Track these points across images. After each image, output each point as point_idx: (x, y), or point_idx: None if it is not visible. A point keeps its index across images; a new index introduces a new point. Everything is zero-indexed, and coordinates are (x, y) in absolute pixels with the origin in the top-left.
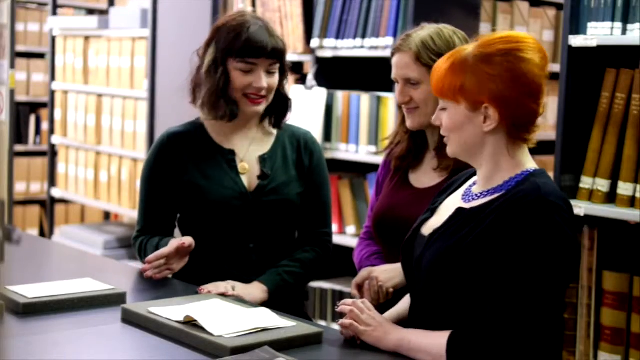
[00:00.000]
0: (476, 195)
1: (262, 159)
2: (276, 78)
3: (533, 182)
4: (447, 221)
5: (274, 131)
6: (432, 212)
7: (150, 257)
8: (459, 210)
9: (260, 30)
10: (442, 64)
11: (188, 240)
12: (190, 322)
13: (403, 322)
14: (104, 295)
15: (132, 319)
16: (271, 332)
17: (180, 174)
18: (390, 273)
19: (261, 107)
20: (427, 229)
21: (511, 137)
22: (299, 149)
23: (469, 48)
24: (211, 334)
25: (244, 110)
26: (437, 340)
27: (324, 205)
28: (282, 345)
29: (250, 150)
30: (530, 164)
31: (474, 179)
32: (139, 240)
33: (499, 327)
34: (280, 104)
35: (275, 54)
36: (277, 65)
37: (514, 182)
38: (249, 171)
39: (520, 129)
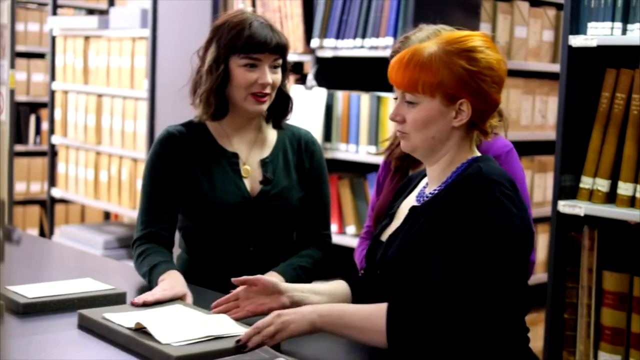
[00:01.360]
0: (429, 194)
1: (264, 163)
2: (279, 75)
3: (475, 166)
4: (402, 223)
5: (275, 132)
6: (390, 217)
7: None
8: (412, 210)
9: (263, 26)
10: (406, 60)
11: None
12: (141, 329)
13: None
14: (104, 295)
15: (87, 325)
16: (222, 341)
17: (182, 172)
18: None
19: (264, 106)
20: (386, 234)
21: (471, 128)
22: (299, 151)
23: (433, 45)
24: (159, 342)
25: (247, 109)
26: (373, 310)
27: (324, 206)
28: (231, 353)
29: (252, 153)
30: (476, 152)
31: (426, 179)
32: (139, 249)
33: (438, 297)
34: (282, 103)
35: (278, 48)
36: (280, 61)
37: (460, 169)
38: (251, 175)
39: (482, 121)
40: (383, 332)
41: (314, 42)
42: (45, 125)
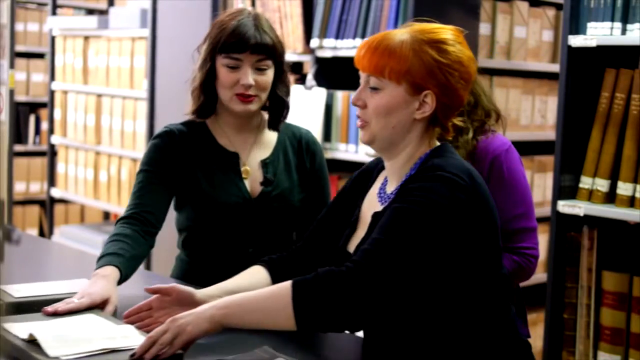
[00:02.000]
0: (391, 194)
1: (264, 164)
2: (268, 76)
3: (433, 163)
4: (367, 231)
5: (274, 132)
6: (352, 225)
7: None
8: (375, 216)
9: (247, 25)
10: (375, 44)
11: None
12: (34, 341)
13: None
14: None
15: None
16: (119, 354)
17: (181, 169)
18: None
19: (251, 106)
20: (352, 245)
21: (432, 124)
22: (300, 151)
23: (405, 34)
24: (47, 355)
25: (234, 109)
26: (276, 290)
27: (325, 206)
28: None
29: (252, 153)
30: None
31: (383, 176)
32: (115, 230)
33: (346, 268)
34: (275, 107)
35: (261, 48)
36: (268, 62)
37: (417, 165)
38: (251, 175)
39: (445, 117)
40: (290, 310)
41: (314, 42)
42: (44, 125)
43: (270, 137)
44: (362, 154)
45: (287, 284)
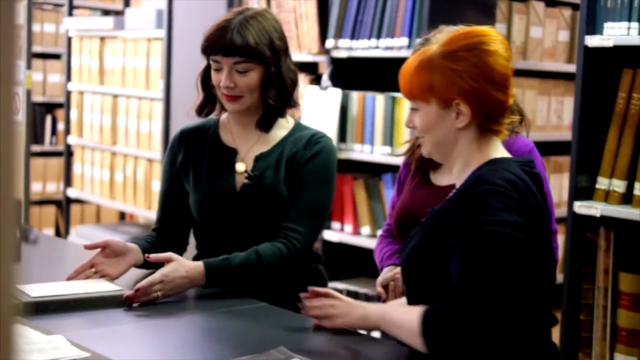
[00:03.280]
0: (450, 195)
1: (257, 159)
2: (250, 78)
3: (480, 172)
4: (419, 225)
5: (283, 131)
6: None
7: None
8: (429, 212)
9: (229, 26)
10: (409, 66)
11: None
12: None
13: None
14: (108, 297)
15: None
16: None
17: (181, 168)
18: None
19: (236, 106)
20: None
21: (481, 130)
22: (298, 147)
23: (434, 47)
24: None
25: (227, 108)
26: (412, 314)
27: (303, 201)
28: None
29: (252, 150)
30: (496, 153)
31: None
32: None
33: (465, 300)
34: (265, 109)
35: (234, 51)
36: (248, 65)
37: (472, 173)
38: (244, 171)
39: (490, 121)
40: (422, 339)
41: (329, 43)
42: (61, 126)
43: (277, 135)
44: (378, 154)
45: (419, 313)
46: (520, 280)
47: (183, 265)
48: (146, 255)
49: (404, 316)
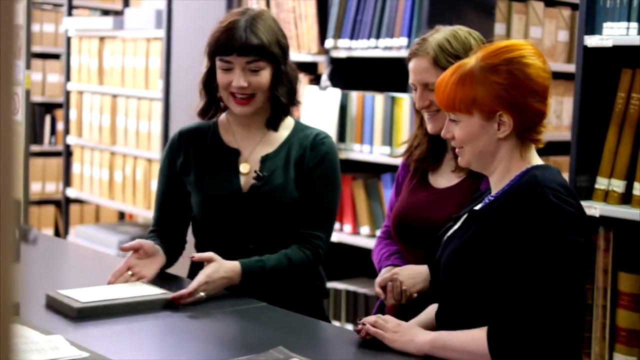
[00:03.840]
0: (489, 198)
1: (264, 160)
2: (263, 77)
3: (532, 174)
4: (460, 224)
5: (287, 131)
6: (455, 220)
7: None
8: (471, 212)
9: (238, 26)
10: (447, 79)
11: (145, 245)
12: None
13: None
14: (155, 300)
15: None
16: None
17: (185, 171)
18: (414, 279)
19: (247, 109)
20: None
21: (521, 139)
22: (304, 149)
23: (472, 61)
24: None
25: (233, 110)
26: (474, 336)
27: (320, 207)
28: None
29: (256, 150)
30: (536, 161)
31: None
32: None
33: (533, 318)
34: (274, 107)
35: (248, 50)
36: (261, 63)
37: (517, 178)
38: (250, 171)
39: (529, 130)
40: (487, 357)
41: (328, 43)
42: (60, 126)
43: (279, 135)
44: (377, 154)
45: (481, 331)
46: (583, 294)
47: (222, 265)
48: (190, 255)
49: (465, 337)
